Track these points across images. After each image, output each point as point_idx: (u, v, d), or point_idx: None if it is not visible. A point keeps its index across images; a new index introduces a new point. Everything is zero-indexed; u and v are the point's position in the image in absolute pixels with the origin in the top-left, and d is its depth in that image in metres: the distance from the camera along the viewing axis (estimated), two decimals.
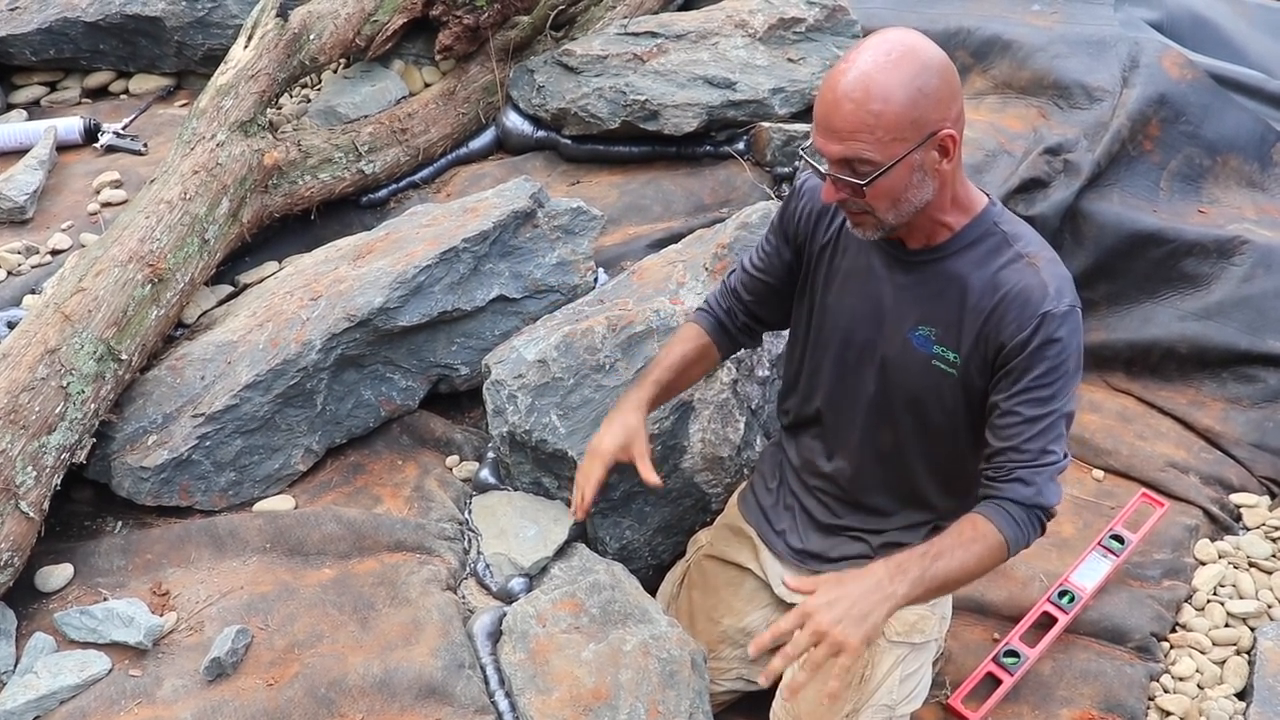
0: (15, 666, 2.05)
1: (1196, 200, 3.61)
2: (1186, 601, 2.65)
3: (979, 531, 1.74)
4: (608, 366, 2.37)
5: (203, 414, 2.38)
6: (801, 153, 1.83)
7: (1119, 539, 2.70)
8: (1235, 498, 2.98)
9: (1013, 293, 1.76)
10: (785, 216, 2.06)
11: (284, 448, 2.46)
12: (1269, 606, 2.62)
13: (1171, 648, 2.53)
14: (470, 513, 2.40)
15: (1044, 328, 1.73)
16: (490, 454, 2.52)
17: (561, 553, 2.30)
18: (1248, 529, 2.89)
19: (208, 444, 2.37)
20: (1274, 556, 2.78)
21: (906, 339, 1.88)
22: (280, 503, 2.42)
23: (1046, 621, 2.51)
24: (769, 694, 2.18)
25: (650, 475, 1.99)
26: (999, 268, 1.79)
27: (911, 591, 1.69)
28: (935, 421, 1.94)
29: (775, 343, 2.50)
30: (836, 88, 1.66)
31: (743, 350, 2.33)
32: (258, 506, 2.41)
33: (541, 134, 3.46)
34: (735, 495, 2.37)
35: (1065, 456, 1.79)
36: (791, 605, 2.17)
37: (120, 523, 2.39)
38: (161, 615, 2.14)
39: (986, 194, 1.86)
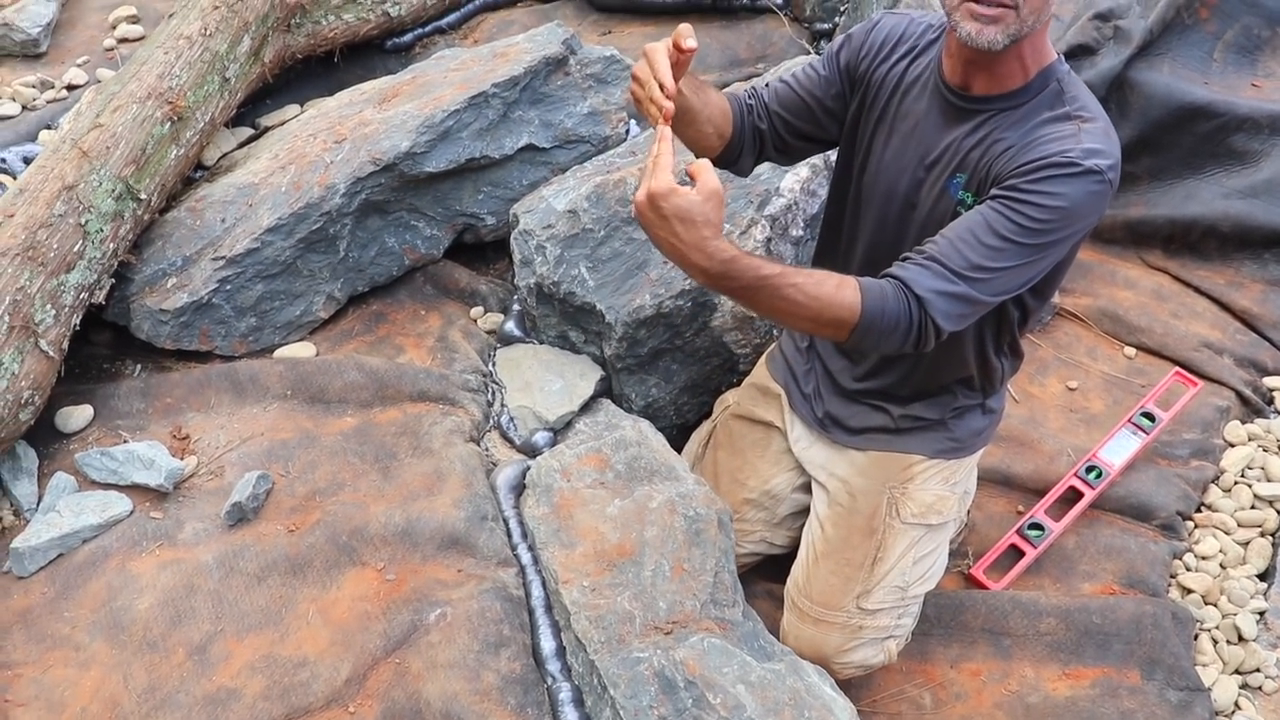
0: (38, 505, 2.05)
1: (1251, 73, 3.46)
2: (1214, 482, 2.62)
3: (841, 294, 1.56)
4: None
5: (223, 257, 2.33)
6: None
7: (1149, 416, 2.66)
8: (1269, 381, 2.93)
9: (1043, 139, 1.65)
10: (851, 47, 1.91)
11: (305, 294, 2.41)
12: None
13: (1196, 527, 2.51)
14: (495, 365, 2.36)
15: (1052, 166, 1.60)
16: (516, 306, 2.47)
17: (587, 408, 2.27)
18: (1279, 413, 2.85)
19: (228, 288, 2.32)
20: None
21: (945, 188, 1.80)
22: (301, 350, 2.39)
23: (1072, 496, 2.48)
24: (790, 559, 2.17)
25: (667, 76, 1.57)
26: (1043, 120, 1.70)
27: (720, 285, 1.54)
28: None
29: (810, 202, 2.42)
30: None
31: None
32: (278, 353, 2.38)
33: None
34: (764, 356, 2.32)
35: (981, 298, 1.62)
36: (806, 468, 2.16)
37: (139, 366, 2.37)
38: (182, 459, 2.13)
39: (1058, 55, 1.76)
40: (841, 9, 3.16)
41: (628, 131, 2.70)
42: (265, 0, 2.67)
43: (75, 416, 2.22)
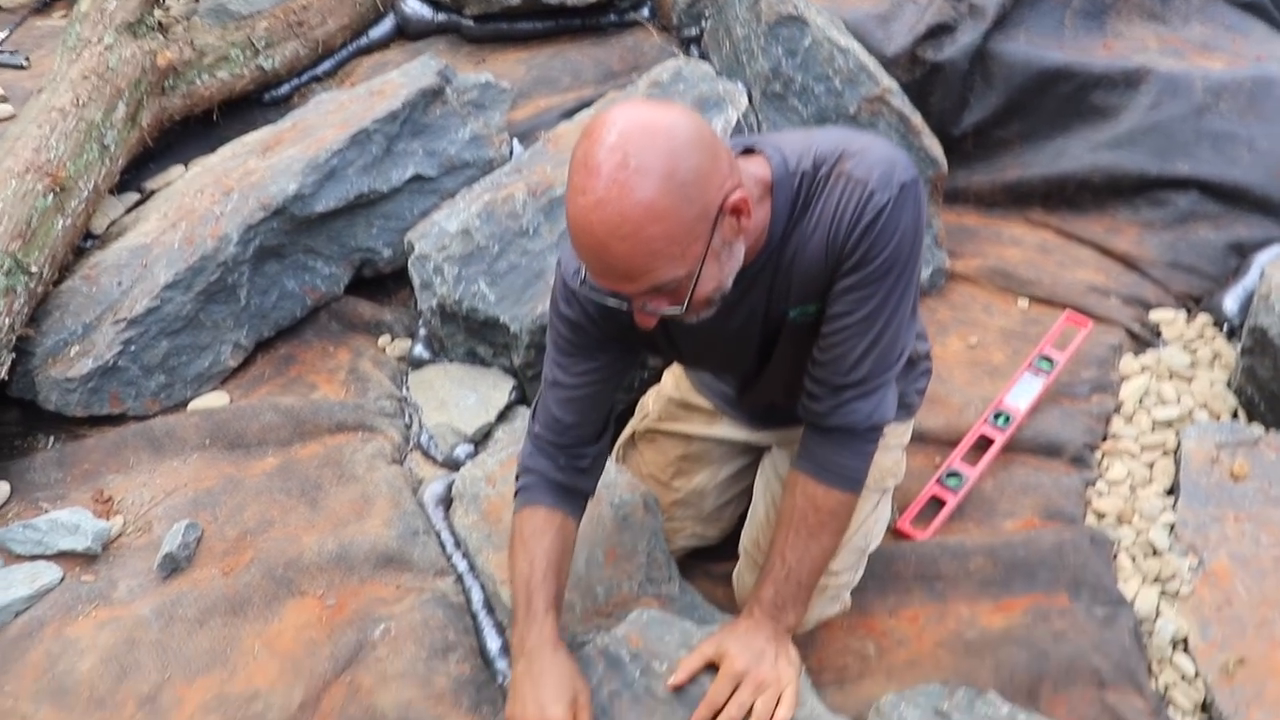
0: None
1: (1101, 35, 3.63)
2: (1115, 413, 2.73)
3: (822, 511, 1.65)
4: (531, 231, 2.36)
5: (124, 319, 2.33)
6: (582, 289, 1.53)
7: (1048, 359, 2.77)
8: (1154, 315, 3.06)
9: (835, 213, 1.51)
10: (572, 324, 1.71)
11: (212, 345, 2.42)
12: (1190, 411, 2.71)
13: (1104, 456, 2.61)
14: (408, 389, 2.39)
15: (871, 222, 1.48)
16: (422, 329, 2.50)
17: (504, 417, 2.31)
18: (1167, 343, 2.97)
19: (133, 349, 2.33)
20: (1192, 365, 2.87)
21: (783, 316, 1.66)
22: (215, 400, 2.39)
23: (984, 443, 2.57)
24: (723, 546, 2.22)
25: None
26: (818, 207, 1.54)
27: (798, 617, 1.70)
28: None
29: None
30: (594, 229, 1.31)
31: None
32: (192, 406, 2.38)
33: (442, 17, 3.39)
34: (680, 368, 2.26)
35: (901, 357, 1.62)
36: (759, 447, 2.17)
37: (52, 437, 2.35)
38: (108, 520, 2.11)
39: (760, 150, 1.57)
40: (706, 15, 3.26)
41: (511, 151, 2.76)
42: (136, 66, 2.69)
43: None
